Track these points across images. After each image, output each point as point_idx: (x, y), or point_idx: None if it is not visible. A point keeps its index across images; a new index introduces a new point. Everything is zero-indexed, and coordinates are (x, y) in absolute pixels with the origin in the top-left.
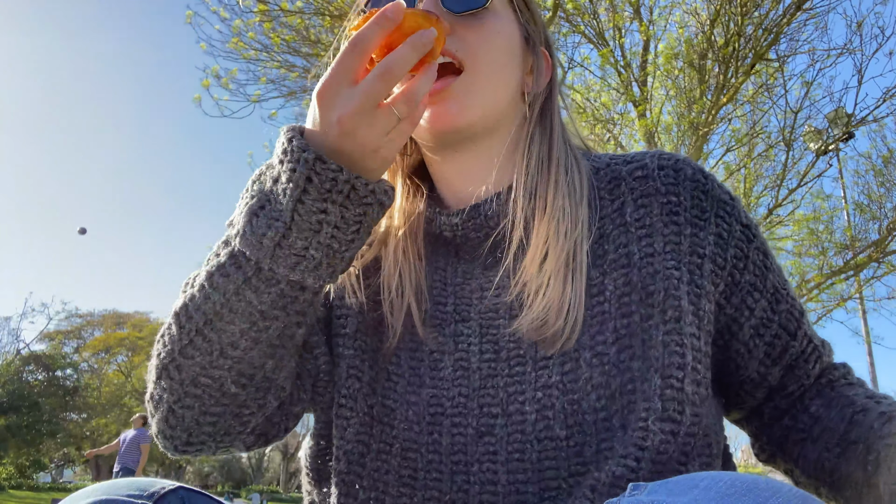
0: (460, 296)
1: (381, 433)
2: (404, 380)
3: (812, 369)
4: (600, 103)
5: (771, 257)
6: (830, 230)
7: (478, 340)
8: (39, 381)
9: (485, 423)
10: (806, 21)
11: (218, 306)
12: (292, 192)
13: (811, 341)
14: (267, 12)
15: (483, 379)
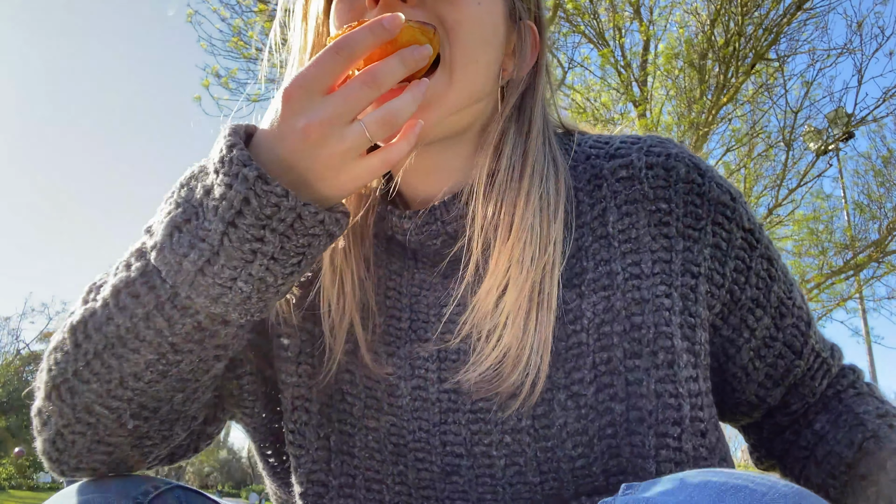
0: (416, 310)
1: (340, 466)
2: (360, 402)
3: (818, 385)
4: (600, 103)
5: (776, 263)
6: (830, 230)
7: (436, 367)
8: None
9: (450, 462)
10: (806, 21)
11: (122, 331)
12: (225, 212)
13: (819, 355)
14: (267, 12)
15: (443, 413)
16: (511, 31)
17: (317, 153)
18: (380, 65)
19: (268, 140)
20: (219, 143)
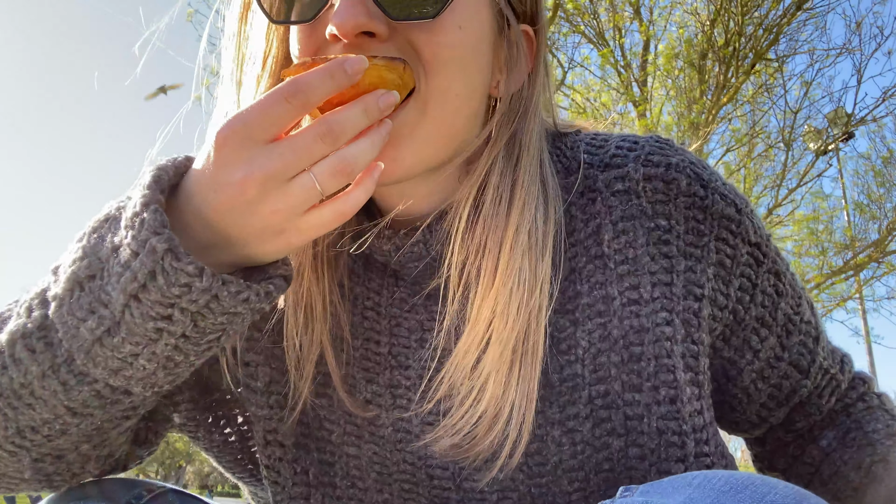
0: (397, 334)
1: (321, 499)
2: (340, 428)
3: (826, 403)
4: (600, 103)
5: (784, 276)
6: (830, 230)
7: (417, 397)
8: None
9: (438, 496)
10: (805, 21)
11: (16, 384)
12: (127, 283)
13: (827, 372)
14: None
15: (428, 447)
16: (500, 45)
17: (255, 210)
18: (339, 115)
19: (198, 188)
20: (137, 188)
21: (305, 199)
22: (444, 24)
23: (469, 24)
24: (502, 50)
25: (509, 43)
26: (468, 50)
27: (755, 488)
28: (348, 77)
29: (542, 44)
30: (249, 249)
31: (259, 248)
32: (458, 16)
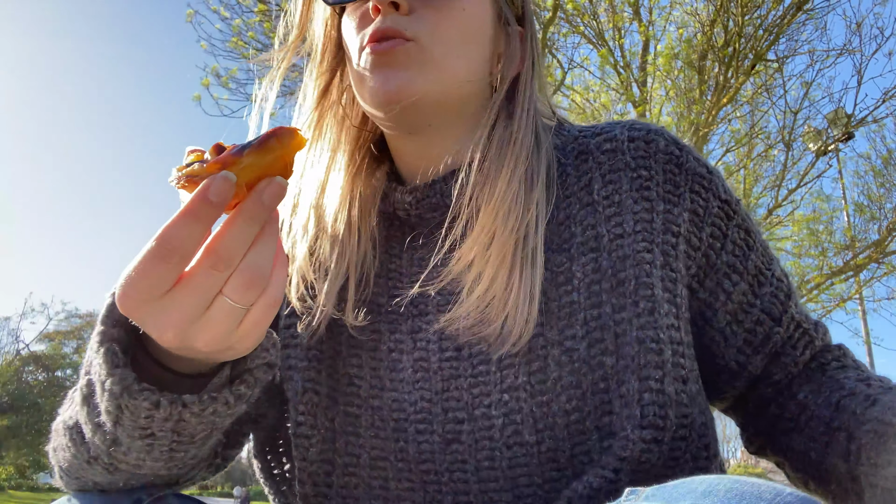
0: (414, 282)
1: (346, 445)
2: (367, 383)
3: (800, 356)
4: (600, 104)
5: (754, 235)
6: (830, 231)
7: (437, 337)
8: (39, 382)
9: (451, 430)
10: (805, 21)
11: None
12: (106, 412)
13: (800, 326)
14: (267, 12)
15: (445, 381)
16: (500, 34)
17: (191, 345)
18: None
19: None
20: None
21: (233, 319)
22: (452, 2)
23: (472, 9)
24: (501, 41)
25: (507, 37)
26: (467, 28)
27: (760, 495)
28: (216, 206)
29: (532, 42)
30: (214, 358)
31: (221, 357)
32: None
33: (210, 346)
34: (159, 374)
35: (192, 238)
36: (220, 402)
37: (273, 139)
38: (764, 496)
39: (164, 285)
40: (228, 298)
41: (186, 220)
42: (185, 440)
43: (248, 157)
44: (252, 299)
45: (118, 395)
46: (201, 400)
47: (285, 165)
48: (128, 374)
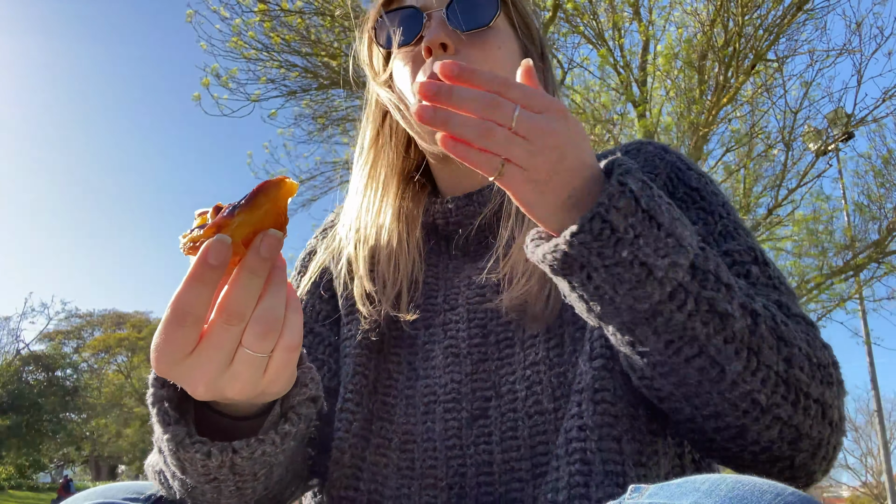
0: (450, 287)
1: (379, 429)
2: (403, 375)
3: None
4: (600, 104)
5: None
6: (830, 230)
7: (466, 325)
8: (39, 381)
9: (479, 407)
10: (805, 21)
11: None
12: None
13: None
14: (267, 12)
15: (475, 364)
16: None
17: (224, 394)
18: (230, 295)
19: None
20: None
21: (256, 368)
22: (489, 42)
23: (505, 46)
24: None
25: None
26: (502, 62)
27: (762, 494)
28: (216, 268)
29: (551, 75)
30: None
31: (259, 401)
32: (498, 39)
33: (241, 395)
34: (217, 421)
35: (201, 300)
36: (267, 444)
37: (260, 195)
38: (765, 495)
39: (187, 346)
40: (248, 349)
41: (192, 284)
42: (248, 479)
43: (239, 217)
44: (269, 347)
45: (175, 451)
46: (249, 445)
47: (278, 215)
48: (179, 430)
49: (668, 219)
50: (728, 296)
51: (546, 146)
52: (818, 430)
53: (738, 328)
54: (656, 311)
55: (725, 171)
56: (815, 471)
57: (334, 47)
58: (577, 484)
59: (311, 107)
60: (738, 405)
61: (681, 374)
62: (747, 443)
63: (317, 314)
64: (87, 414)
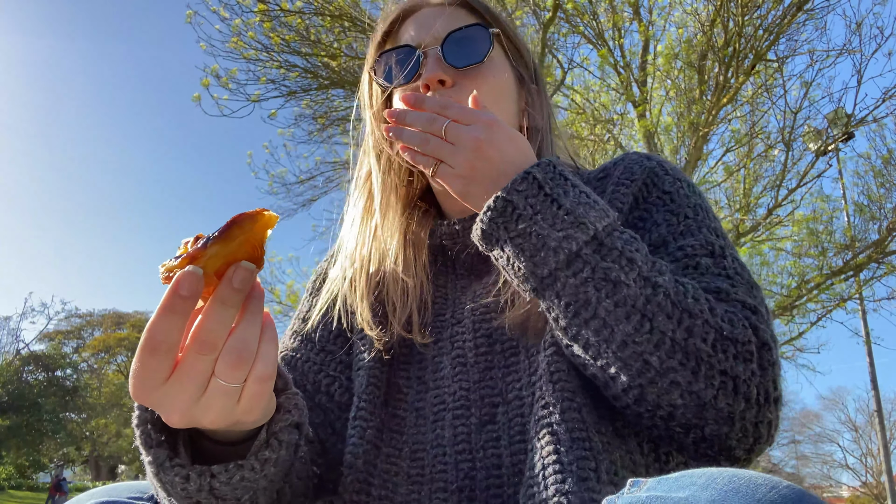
0: (457, 304)
1: (390, 439)
2: (413, 389)
3: None
4: (600, 104)
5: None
6: (830, 231)
7: (472, 336)
8: (39, 381)
9: (487, 413)
10: (805, 21)
11: None
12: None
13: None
14: (267, 12)
15: (482, 372)
16: (522, 92)
17: (198, 423)
18: (203, 325)
19: None
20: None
21: (229, 398)
22: (483, 73)
23: (499, 76)
24: (524, 97)
25: (528, 93)
26: (499, 90)
27: (757, 487)
28: (187, 298)
29: (545, 95)
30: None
31: (236, 429)
32: (492, 71)
33: (216, 424)
34: (212, 448)
35: (173, 330)
36: (246, 469)
37: (234, 227)
38: (760, 488)
39: (161, 374)
40: (220, 379)
41: (164, 314)
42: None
43: (212, 248)
44: (241, 378)
45: (156, 473)
46: (227, 470)
47: (253, 248)
48: (160, 452)
49: (572, 202)
50: (626, 268)
51: (467, 148)
52: (726, 402)
53: (629, 294)
54: (555, 276)
55: (725, 171)
56: (733, 446)
57: (334, 47)
58: (549, 453)
59: (311, 107)
60: (630, 364)
61: (583, 336)
62: (651, 406)
63: (329, 333)
64: (87, 414)
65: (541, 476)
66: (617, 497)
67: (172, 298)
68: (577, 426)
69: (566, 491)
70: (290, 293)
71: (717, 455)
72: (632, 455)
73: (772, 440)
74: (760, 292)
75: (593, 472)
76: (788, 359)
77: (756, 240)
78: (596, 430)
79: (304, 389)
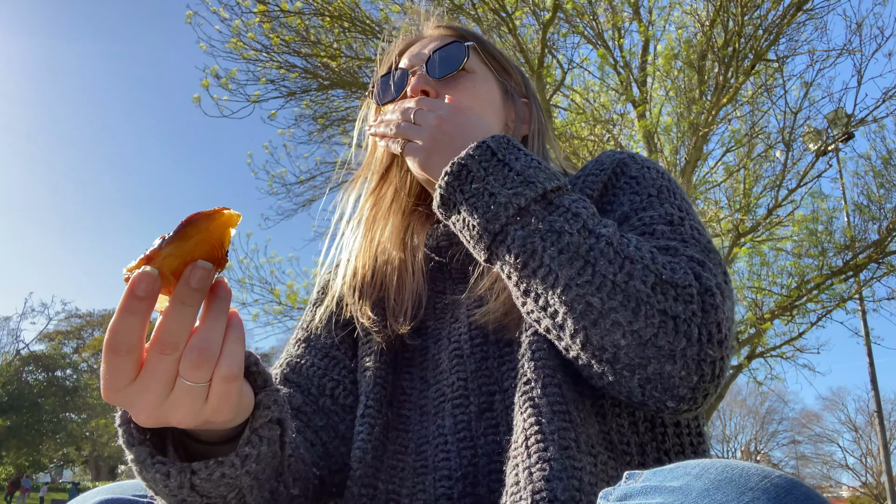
0: (455, 304)
1: (395, 437)
2: (416, 390)
3: None
4: (599, 104)
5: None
6: (830, 231)
7: (467, 329)
8: (39, 382)
9: (485, 401)
10: (805, 21)
11: None
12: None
13: None
14: (266, 12)
15: (478, 362)
16: (509, 106)
17: (167, 422)
18: (164, 325)
19: None
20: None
21: (195, 397)
22: (462, 83)
23: (478, 85)
24: (511, 111)
25: (515, 107)
26: (481, 99)
27: (749, 476)
28: (144, 299)
29: (537, 109)
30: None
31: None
32: (471, 81)
33: (184, 424)
34: (203, 450)
35: (133, 330)
36: (227, 466)
37: (189, 227)
38: (752, 478)
39: (126, 375)
40: (184, 378)
41: (122, 315)
42: (218, 501)
43: (167, 248)
44: (205, 377)
45: (139, 471)
46: (207, 466)
47: (212, 247)
48: (142, 450)
49: (522, 165)
50: (571, 221)
51: (430, 125)
52: (666, 340)
53: (572, 242)
54: (506, 230)
55: (725, 171)
56: (677, 384)
57: (334, 48)
58: (532, 424)
59: (310, 107)
60: (574, 307)
61: (532, 287)
62: (597, 349)
63: (332, 339)
64: (87, 414)
65: (524, 446)
66: (613, 488)
67: (129, 299)
68: (558, 399)
69: (548, 458)
70: (290, 293)
71: (663, 395)
72: (617, 433)
73: (717, 381)
74: (717, 256)
75: (574, 441)
76: (788, 359)
77: (756, 240)
78: (575, 405)
79: (309, 393)
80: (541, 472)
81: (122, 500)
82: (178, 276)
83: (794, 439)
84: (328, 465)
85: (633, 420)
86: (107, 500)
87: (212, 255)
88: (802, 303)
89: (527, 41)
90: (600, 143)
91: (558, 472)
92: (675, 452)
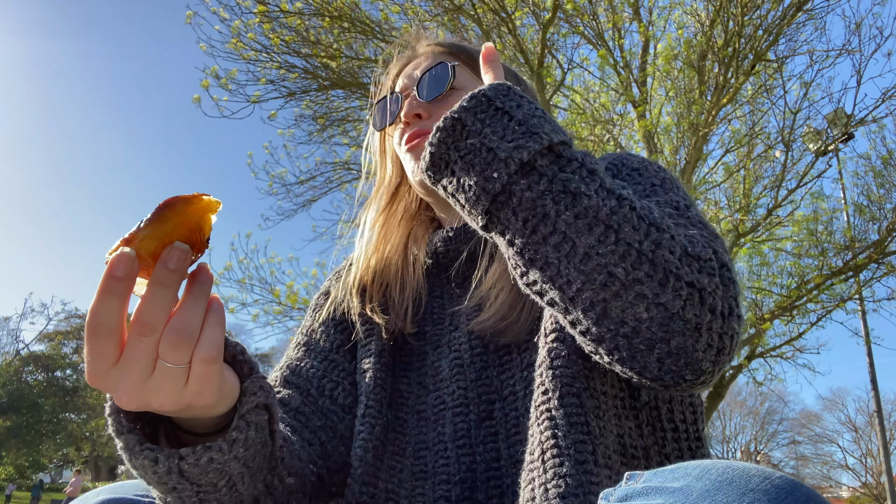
0: (455, 313)
1: (394, 439)
2: (413, 394)
3: None
4: (599, 104)
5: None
6: (830, 231)
7: (467, 339)
8: (39, 382)
9: (485, 410)
10: (805, 22)
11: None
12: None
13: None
14: (266, 13)
15: (478, 371)
16: None
17: (148, 406)
18: (142, 308)
19: None
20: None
21: (176, 379)
22: (451, 102)
23: None
24: None
25: None
26: None
27: (750, 477)
28: (122, 280)
29: None
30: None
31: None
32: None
33: (166, 407)
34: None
35: (112, 312)
36: (214, 451)
37: (167, 210)
38: (753, 479)
39: (108, 357)
40: (164, 360)
41: (102, 297)
42: (208, 489)
43: (144, 230)
44: (184, 359)
45: (129, 458)
46: (195, 451)
47: (190, 231)
48: (130, 438)
49: (525, 114)
50: (588, 179)
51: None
52: (693, 312)
53: (591, 206)
54: (509, 190)
55: (725, 172)
56: (700, 358)
57: (334, 48)
58: (548, 437)
59: (310, 108)
60: (594, 277)
61: (541, 255)
62: (615, 323)
63: (332, 343)
64: (86, 414)
65: (540, 460)
66: (614, 489)
67: (108, 281)
68: (575, 411)
69: (564, 474)
70: (289, 294)
71: (683, 369)
72: (629, 437)
73: (733, 355)
74: (723, 243)
75: (591, 455)
76: (788, 359)
77: (756, 240)
78: (594, 414)
79: (308, 394)
80: (556, 490)
81: (123, 499)
82: (156, 259)
83: (793, 440)
84: (326, 464)
85: (638, 423)
86: (108, 499)
87: (190, 238)
88: (802, 303)
89: (527, 41)
90: (600, 143)
91: (574, 489)
92: (675, 458)
